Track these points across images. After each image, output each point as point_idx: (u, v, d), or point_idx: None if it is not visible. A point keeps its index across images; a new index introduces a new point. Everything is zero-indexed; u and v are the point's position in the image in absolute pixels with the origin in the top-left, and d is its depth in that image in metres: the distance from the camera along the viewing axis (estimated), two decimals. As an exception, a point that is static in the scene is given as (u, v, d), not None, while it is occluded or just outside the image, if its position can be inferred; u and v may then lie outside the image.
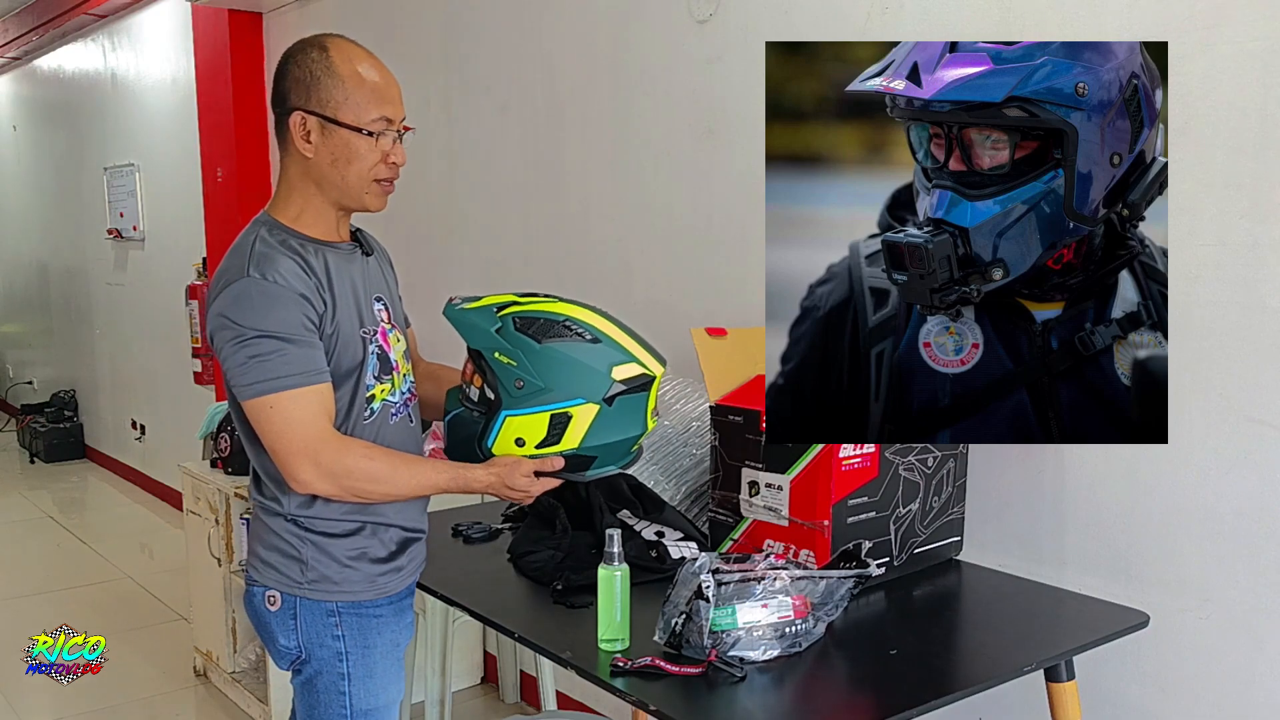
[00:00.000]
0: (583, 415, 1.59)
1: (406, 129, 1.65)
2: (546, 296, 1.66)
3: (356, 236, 1.73)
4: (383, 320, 1.68)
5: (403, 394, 1.71)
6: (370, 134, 1.58)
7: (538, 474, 1.62)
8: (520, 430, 1.60)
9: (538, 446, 1.61)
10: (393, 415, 1.69)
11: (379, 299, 1.69)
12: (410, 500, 1.71)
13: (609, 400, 1.59)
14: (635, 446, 1.69)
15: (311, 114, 1.58)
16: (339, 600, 1.65)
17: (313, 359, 1.55)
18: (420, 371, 1.86)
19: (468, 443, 1.65)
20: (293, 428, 1.53)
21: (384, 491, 1.61)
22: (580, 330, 1.61)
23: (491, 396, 1.61)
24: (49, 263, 7.55)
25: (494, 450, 1.63)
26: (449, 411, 1.69)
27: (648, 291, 2.75)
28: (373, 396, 1.64)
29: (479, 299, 1.65)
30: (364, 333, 1.63)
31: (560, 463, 1.62)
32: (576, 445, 1.61)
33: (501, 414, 1.60)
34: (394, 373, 1.68)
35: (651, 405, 1.66)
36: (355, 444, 1.59)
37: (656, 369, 1.65)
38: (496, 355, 1.59)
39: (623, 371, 1.60)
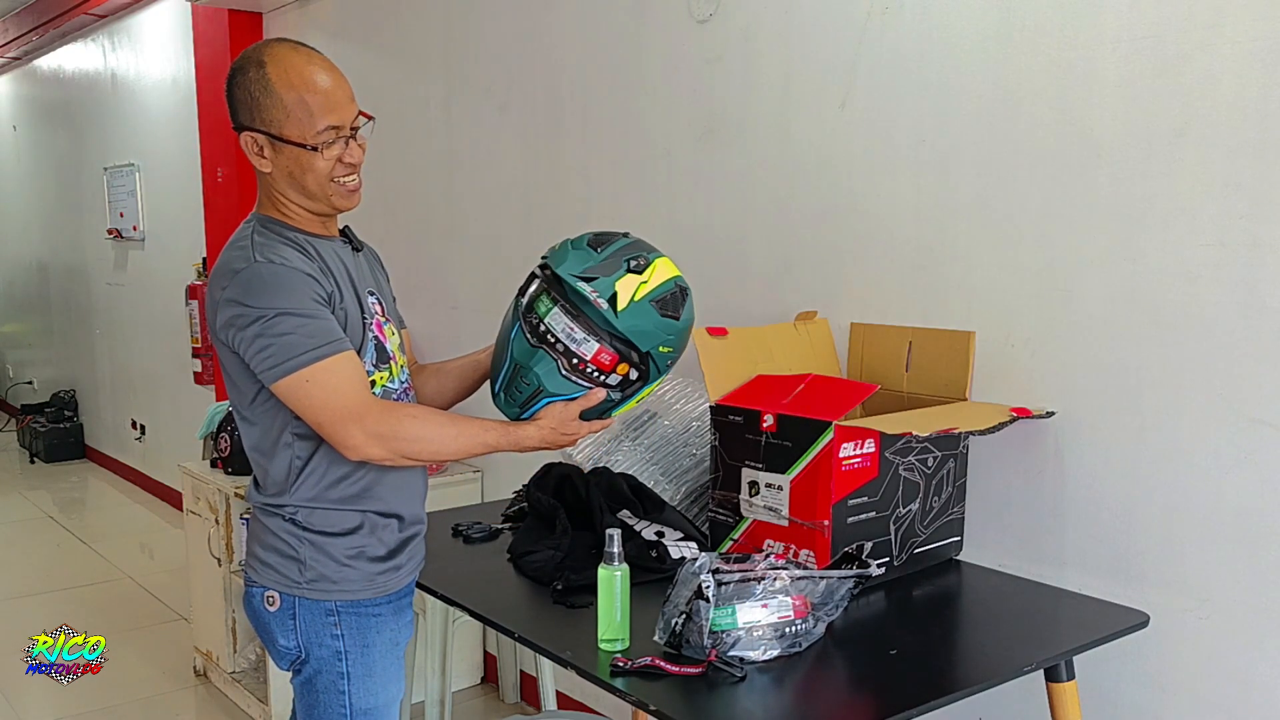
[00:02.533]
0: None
1: (366, 116, 1.64)
2: (628, 243, 1.67)
3: (345, 234, 1.74)
4: (377, 313, 1.69)
5: (401, 383, 1.72)
6: (315, 148, 1.58)
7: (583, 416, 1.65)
8: (649, 391, 1.69)
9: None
10: (395, 400, 1.69)
11: (371, 293, 1.70)
12: (411, 491, 1.73)
13: None
14: None
15: (259, 133, 1.59)
16: (337, 599, 1.65)
17: (334, 329, 1.56)
18: (427, 370, 1.86)
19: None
20: (334, 396, 1.53)
21: (434, 450, 1.60)
22: (684, 287, 1.67)
23: (634, 377, 1.64)
24: (49, 263, 7.55)
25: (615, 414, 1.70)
26: (541, 397, 1.66)
27: (648, 291, 2.74)
28: (373, 382, 1.64)
29: (596, 277, 1.60)
30: (364, 319, 1.64)
31: (601, 395, 1.64)
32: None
33: (644, 387, 1.66)
34: (391, 362, 1.69)
35: None
36: (400, 406, 1.60)
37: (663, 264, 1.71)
38: (660, 348, 1.63)
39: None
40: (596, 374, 1.61)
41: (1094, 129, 1.81)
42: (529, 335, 1.63)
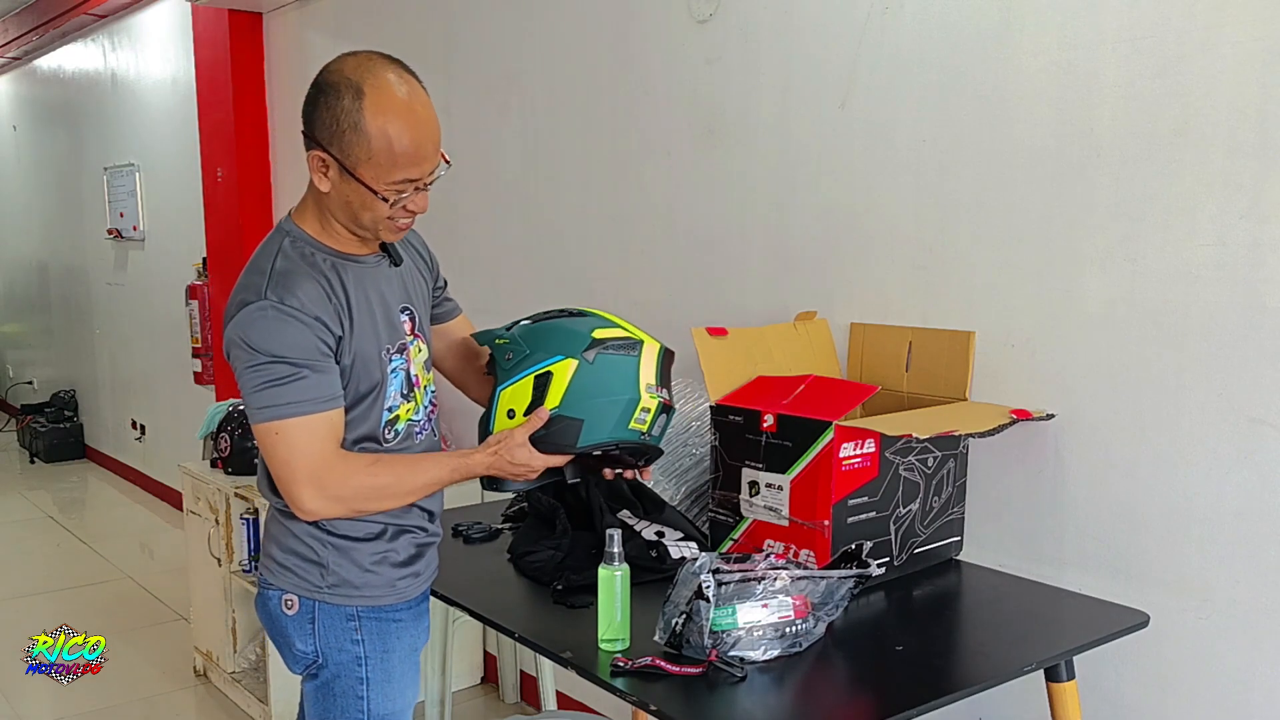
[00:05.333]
0: (561, 371, 1.59)
1: (444, 160, 1.58)
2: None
3: (384, 247, 1.68)
4: (406, 333, 1.67)
5: (424, 409, 1.71)
6: (385, 199, 1.53)
7: (535, 445, 1.60)
8: (510, 401, 1.62)
9: (525, 413, 1.61)
10: (417, 434, 1.69)
11: (405, 309, 1.68)
12: (437, 500, 1.73)
13: (588, 357, 1.59)
14: (642, 425, 1.63)
15: (332, 158, 1.52)
16: (359, 605, 1.65)
17: (327, 385, 1.53)
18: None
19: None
20: (297, 455, 1.52)
21: (392, 497, 1.60)
22: (576, 311, 1.68)
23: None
24: (49, 263, 7.55)
25: (494, 429, 1.64)
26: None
27: (647, 291, 2.75)
28: (397, 418, 1.64)
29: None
30: (386, 350, 1.62)
31: (544, 415, 1.59)
32: (558, 402, 1.60)
33: (496, 391, 1.64)
34: (415, 390, 1.68)
35: (645, 375, 1.62)
36: (357, 461, 1.57)
37: (646, 338, 1.64)
38: (496, 341, 1.65)
39: (603, 332, 1.63)
40: None
41: (1094, 129, 1.81)
42: None
